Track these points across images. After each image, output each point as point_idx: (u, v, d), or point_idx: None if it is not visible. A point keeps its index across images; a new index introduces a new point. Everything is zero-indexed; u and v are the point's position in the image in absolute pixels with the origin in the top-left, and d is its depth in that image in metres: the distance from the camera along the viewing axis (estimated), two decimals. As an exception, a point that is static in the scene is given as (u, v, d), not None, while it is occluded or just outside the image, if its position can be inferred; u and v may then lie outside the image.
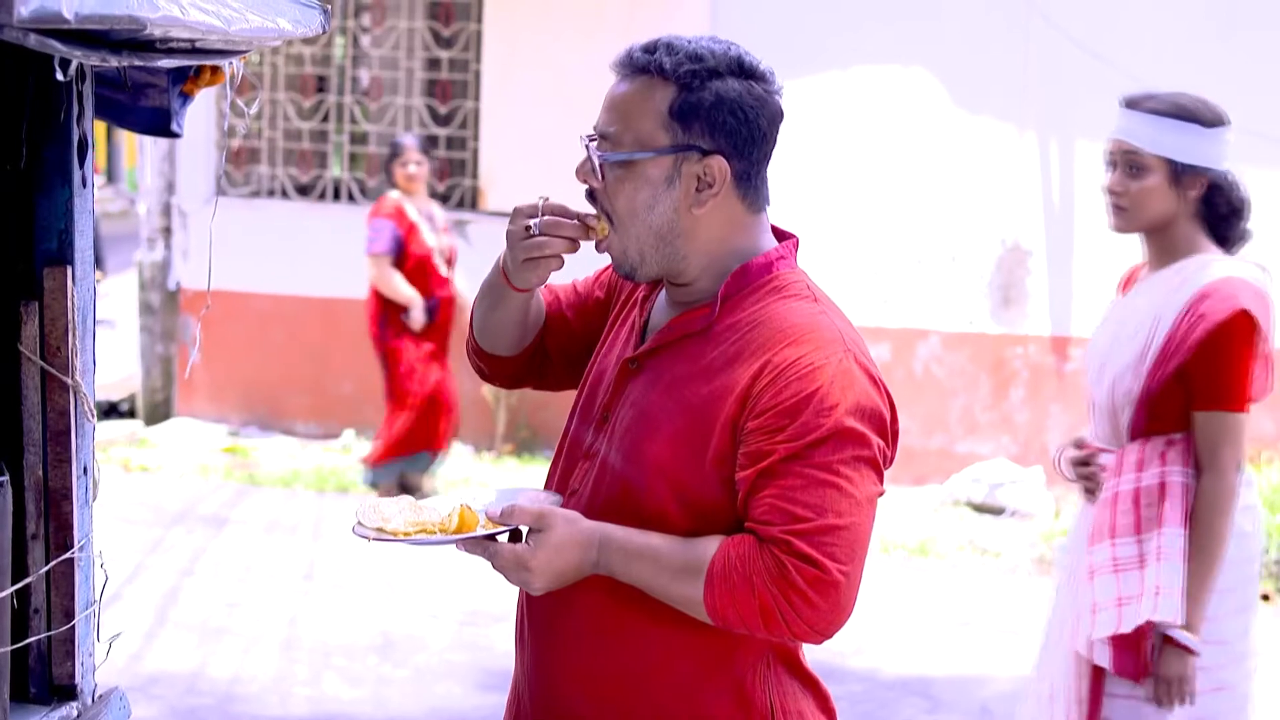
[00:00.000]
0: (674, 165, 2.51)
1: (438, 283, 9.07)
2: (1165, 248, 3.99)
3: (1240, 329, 3.81)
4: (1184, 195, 3.93)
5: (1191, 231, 3.97)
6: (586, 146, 2.57)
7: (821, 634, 2.43)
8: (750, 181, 2.56)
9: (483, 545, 2.50)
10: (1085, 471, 4.07)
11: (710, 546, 2.44)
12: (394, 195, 9.13)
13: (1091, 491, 4.06)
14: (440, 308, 9.06)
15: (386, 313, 9.01)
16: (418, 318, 8.93)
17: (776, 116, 2.57)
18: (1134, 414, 3.92)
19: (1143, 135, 3.93)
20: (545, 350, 2.91)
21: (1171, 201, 3.92)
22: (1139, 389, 3.89)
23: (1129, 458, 3.92)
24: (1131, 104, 4.00)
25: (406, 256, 8.96)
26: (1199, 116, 3.95)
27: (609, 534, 2.49)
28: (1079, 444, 4.14)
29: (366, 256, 9.01)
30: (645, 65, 2.52)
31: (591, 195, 2.59)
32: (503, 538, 2.52)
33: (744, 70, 2.52)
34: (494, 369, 2.92)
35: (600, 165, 2.54)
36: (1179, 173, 3.91)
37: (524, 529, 2.50)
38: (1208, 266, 3.90)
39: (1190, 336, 3.82)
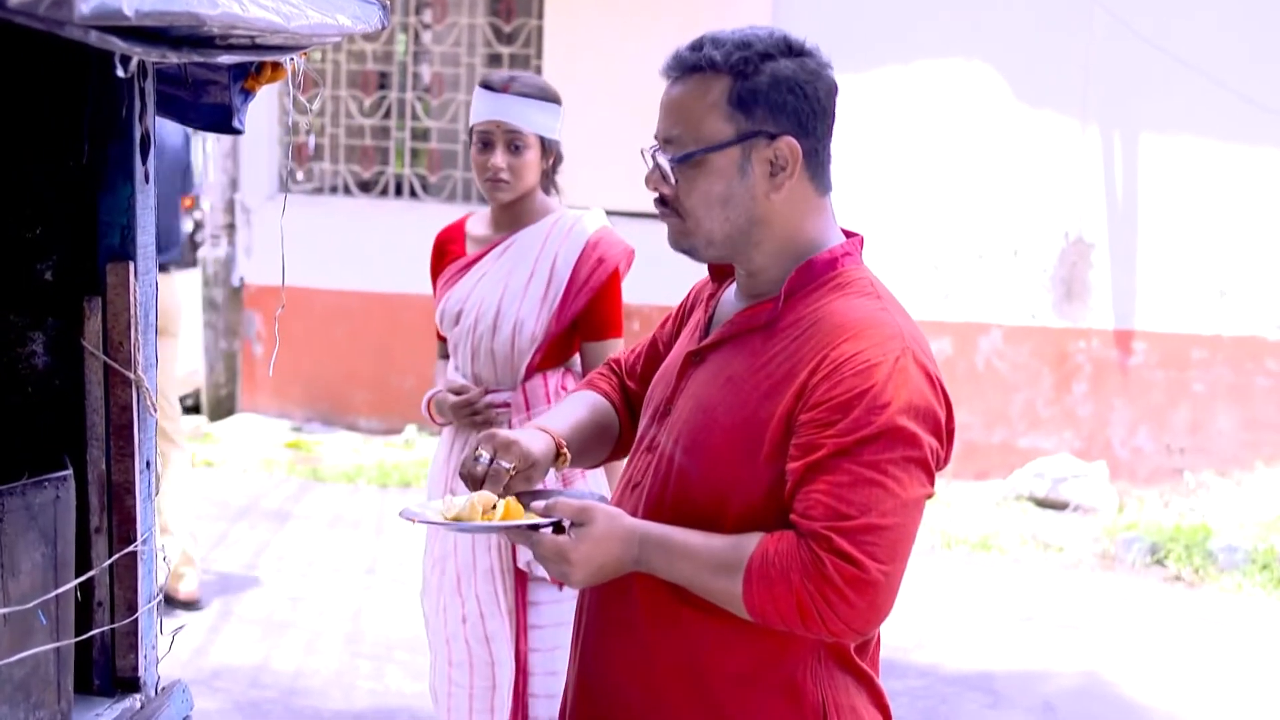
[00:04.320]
0: (744, 154, 2.51)
1: None
2: (525, 211, 4.49)
3: (623, 268, 4.47)
4: (545, 165, 4.47)
5: (543, 195, 4.53)
6: (652, 156, 2.57)
7: (858, 632, 2.42)
8: (818, 158, 2.56)
9: (526, 535, 2.52)
10: (475, 414, 4.43)
11: (750, 543, 2.43)
12: None
13: (482, 426, 4.41)
14: None
15: None
16: None
17: (832, 90, 2.57)
18: (534, 356, 4.40)
19: (522, 116, 4.37)
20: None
21: (539, 172, 4.44)
22: (544, 331, 4.39)
23: (536, 392, 4.42)
24: (501, 88, 4.38)
25: None
26: (555, 97, 4.46)
27: (650, 531, 2.51)
28: (458, 390, 4.47)
29: None
30: (696, 63, 2.52)
31: (662, 201, 2.60)
32: (545, 529, 2.54)
33: (792, 49, 2.53)
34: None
35: (671, 169, 2.54)
36: (546, 147, 4.43)
37: (566, 522, 2.51)
38: (581, 218, 4.49)
39: (593, 278, 4.40)
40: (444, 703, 4.50)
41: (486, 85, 4.40)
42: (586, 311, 4.41)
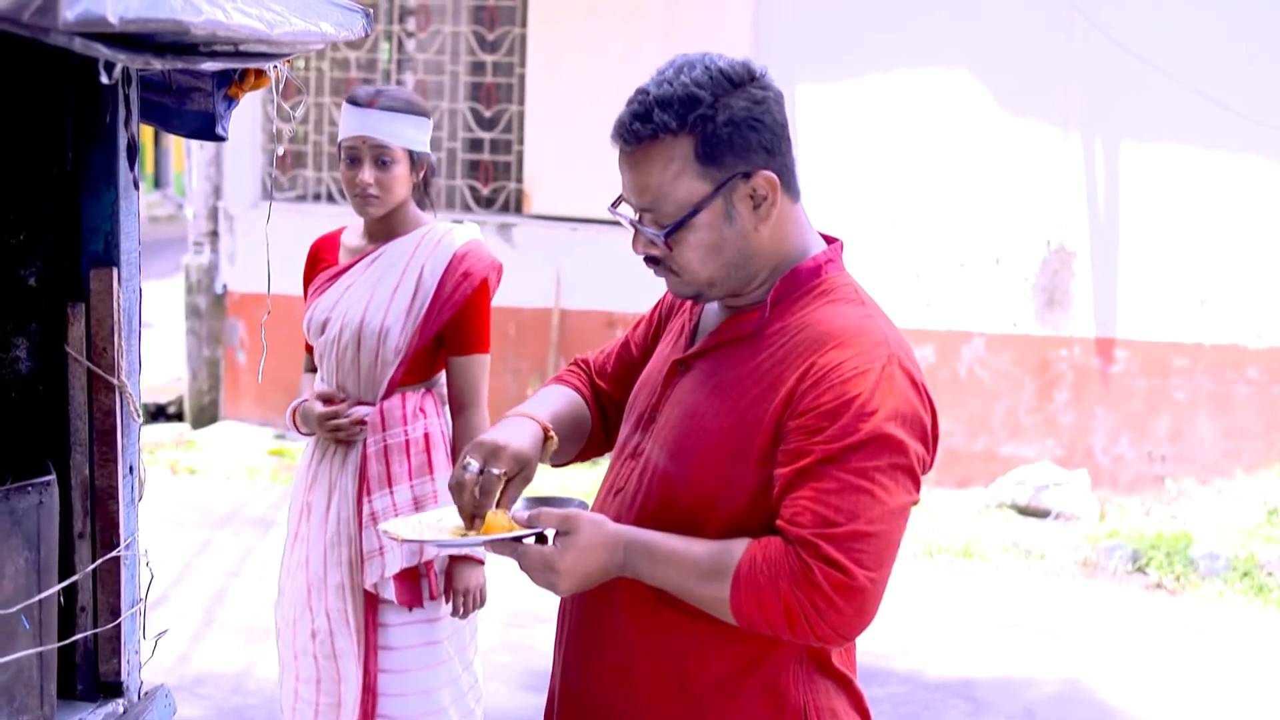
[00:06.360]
0: (725, 201, 2.51)
1: None
2: (397, 224, 4.48)
3: (492, 282, 4.43)
4: (415, 178, 4.46)
5: (413, 207, 4.51)
6: (634, 224, 2.57)
7: (844, 638, 2.43)
8: (789, 172, 2.57)
9: (511, 546, 2.52)
10: (338, 424, 4.42)
11: (737, 549, 2.44)
12: None
13: (342, 441, 4.43)
14: None
15: None
16: None
17: (781, 103, 2.56)
18: (398, 368, 4.38)
19: (389, 131, 4.35)
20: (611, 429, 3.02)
21: (409, 185, 4.44)
22: (408, 344, 4.36)
23: (393, 413, 4.38)
24: (366, 103, 4.36)
25: None
26: (424, 111, 4.46)
27: (635, 537, 2.51)
28: (324, 398, 4.48)
29: None
30: (652, 132, 2.49)
31: (653, 260, 2.60)
32: (529, 540, 2.54)
33: (734, 82, 2.50)
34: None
35: (659, 240, 2.53)
36: (414, 160, 4.42)
37: (550, 532, 2.51)
38: (451, 231, 4.47)
39: (459, 291, 4.36)
40: (289, 717, 4.49)
41: (353, 100, 4.38)
42: (452, 325, 4.38)
